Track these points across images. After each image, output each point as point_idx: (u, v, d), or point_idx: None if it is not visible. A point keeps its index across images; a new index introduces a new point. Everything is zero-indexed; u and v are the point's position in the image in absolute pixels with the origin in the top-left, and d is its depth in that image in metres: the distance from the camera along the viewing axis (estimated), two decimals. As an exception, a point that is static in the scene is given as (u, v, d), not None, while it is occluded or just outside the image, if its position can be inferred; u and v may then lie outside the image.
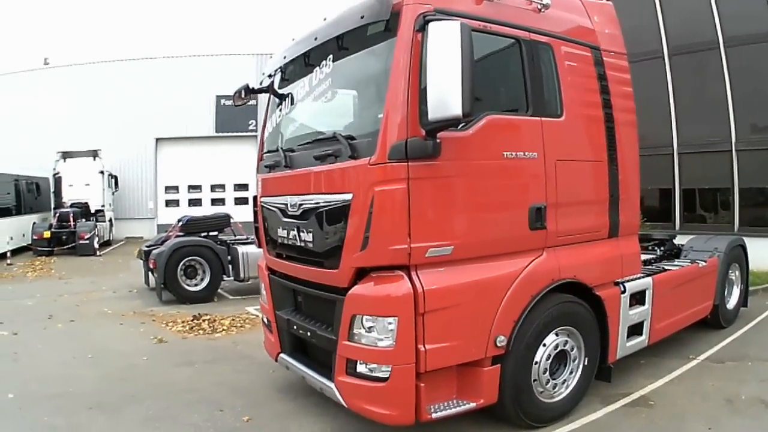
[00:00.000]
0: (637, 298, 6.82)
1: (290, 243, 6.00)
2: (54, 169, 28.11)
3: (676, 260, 9.16)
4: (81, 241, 24.40)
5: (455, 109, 4.32)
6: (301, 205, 5.72)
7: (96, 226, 25.67)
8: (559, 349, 5.77)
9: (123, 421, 6.31)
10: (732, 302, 9.89)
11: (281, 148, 6.36)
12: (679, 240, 10.34)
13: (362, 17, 5.06)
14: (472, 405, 5.17)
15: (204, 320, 11.31)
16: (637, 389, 6.85)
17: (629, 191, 6.51)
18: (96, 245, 25.13)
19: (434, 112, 4.44)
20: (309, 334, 5.79)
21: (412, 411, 4.85)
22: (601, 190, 6.17)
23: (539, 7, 5.63)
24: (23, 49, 34.67)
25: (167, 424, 6.18)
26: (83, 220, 25.97)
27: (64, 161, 28.35)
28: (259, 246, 7.05)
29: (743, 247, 10.11)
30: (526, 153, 5.39)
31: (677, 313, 7.80)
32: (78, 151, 28.21)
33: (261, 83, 7.02)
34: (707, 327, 9.26)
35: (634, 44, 17.26)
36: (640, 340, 6.96)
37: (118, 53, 33.29)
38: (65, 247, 24.80)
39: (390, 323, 4.75)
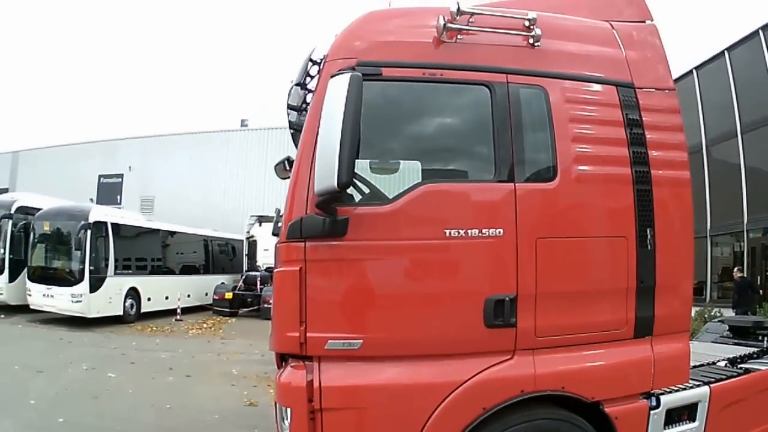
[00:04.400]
0: (686, 414, 5.60)
1: None
2: (248, 232, 30.69)
3: None
4: (266, 305, 25.84)
5: (332, 179, 4.03)
6: None
7: None
8: None
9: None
10: None
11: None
12: None
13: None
14: None
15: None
16: None
17: (675, 276, 5.27)
18: (283, 311, 26.99)
19: (318, 184, 4.18)
20: None
21: None
22: (620, 276, 5.03)
23: (531, 41, 4.89)
24: (224, 110, 39.30)
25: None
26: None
27: (260, 225, 30.93)
28: None
29: None
30: (484, 230, 4.62)
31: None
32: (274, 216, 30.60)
33: None
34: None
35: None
36: None
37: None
38: (249, 309, 27.06)
39: (288, 414, 4.58)
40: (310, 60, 5.27)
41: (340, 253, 4.47)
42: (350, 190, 4.54)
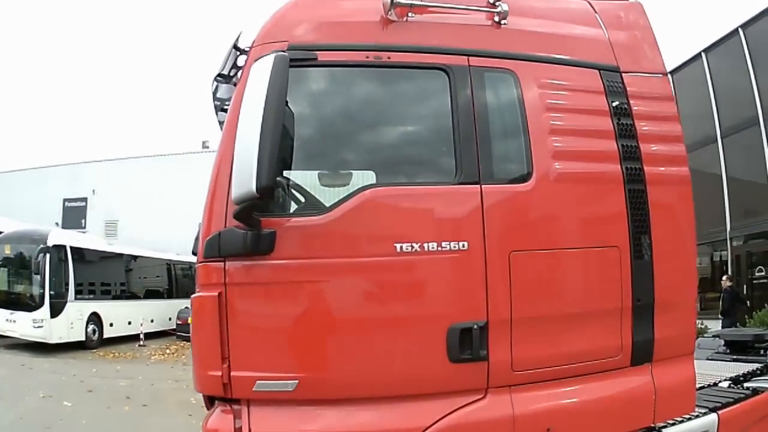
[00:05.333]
0: None
1: None
2: (212, 255, 30.63)
3: None
4: None
5: (250, 182, 3.34)
6: None
7: None
8: None
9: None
10: None
11: None
12: None
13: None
14: None
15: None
16: None
17: (676, 290, 4.51)
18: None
19: (236, 189, 3.47)
20: None
21: None
22: (612, 294, 4.27)
23: (497, 18, 4.20)
24: (185, 131, 39.75)
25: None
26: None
27: None
28: None
29: None
30: (444, 244, 3.86)
31: None
32: None
33: None
34: None
35: None
36: None
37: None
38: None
39: None
40: (236, 48, 4.46)
41: (266, 275, 3.77)
42: (281, 198, 3.97)
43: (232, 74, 4.58)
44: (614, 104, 4.35)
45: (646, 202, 4.29)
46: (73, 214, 40.25)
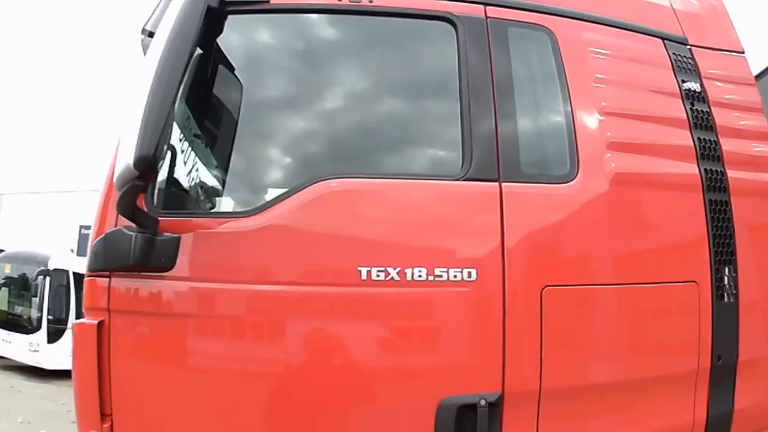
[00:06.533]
0: None
1: None
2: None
3: None
4: None
5: (129, 154, 2.33)
6: None
7: None
8: None
9: None
10: None
11: None
12: None
13: None
14: None
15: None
16: None
17: (764, 343, 3.26)
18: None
19: (117, 166, 2.46)
20: None
21: None
22: (687, 350, 2.98)
23: None
24: None
25: None
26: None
27: None
28: None
29: None
30: (438, 271, 2.58)
31: None
32: None
33: None
34: None
35: None
36: None
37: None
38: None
39: None
40: None
41: (161, 302, 2.65)
42: (196, 190, 2.99)
43: None
44: (685, 85, 3.24)
45: (730, 219, 3.10)
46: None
